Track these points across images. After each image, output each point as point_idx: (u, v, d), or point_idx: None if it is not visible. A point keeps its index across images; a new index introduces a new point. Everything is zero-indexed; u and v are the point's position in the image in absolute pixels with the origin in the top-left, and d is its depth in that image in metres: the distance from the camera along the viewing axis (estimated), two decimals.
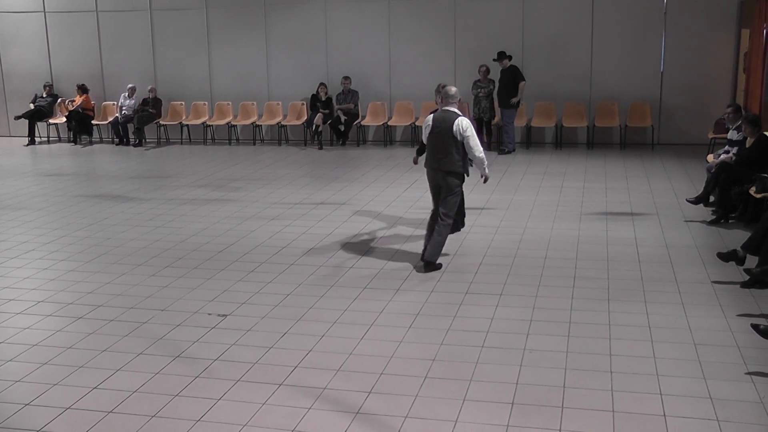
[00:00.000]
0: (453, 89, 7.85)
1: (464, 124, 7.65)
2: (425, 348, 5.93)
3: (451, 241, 8.76)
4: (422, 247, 8.13)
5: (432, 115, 7.92)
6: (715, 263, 7.75)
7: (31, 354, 6.01)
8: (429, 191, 8.14)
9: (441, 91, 8.06)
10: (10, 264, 8.41)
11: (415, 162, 8.90)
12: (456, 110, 7.78)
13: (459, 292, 7.15)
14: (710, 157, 11.13)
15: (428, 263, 7.84)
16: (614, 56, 15.43)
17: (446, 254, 8.21)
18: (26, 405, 5.17)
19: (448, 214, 7.84)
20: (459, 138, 7.64)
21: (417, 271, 7.81)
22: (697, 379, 5.30)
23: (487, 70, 15.11)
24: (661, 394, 5.08)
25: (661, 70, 15.30)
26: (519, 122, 15.36)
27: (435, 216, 7.97)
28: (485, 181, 8.04)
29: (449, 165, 7.72)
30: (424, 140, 8.05)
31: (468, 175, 7.89)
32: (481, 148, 7.77)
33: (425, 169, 8.00)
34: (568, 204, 10.54)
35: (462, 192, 7.97)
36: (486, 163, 7.84)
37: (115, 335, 6.33)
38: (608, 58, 15.46)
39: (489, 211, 10.20)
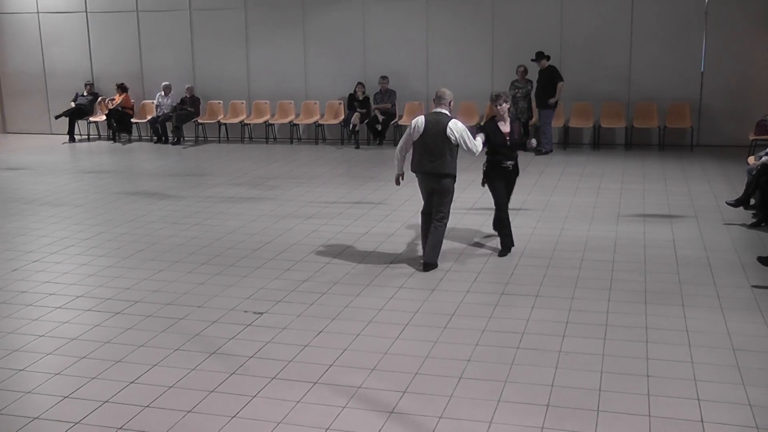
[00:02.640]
0: (447, 91, 7.83)
1: (459, 127, 7.66)
2: (460, 348, 5.91)
3: (488, 241, 8.74)
4: (422, 249, 8.05)
5: (422, 117, 7.81)
6: (755, 267, 7.64)
7: (70, 348, 6.10)
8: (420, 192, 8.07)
9: (497, 99, 8.10)
10: (50, 259, 8.53)
11: (398, 183, 8.32)
12: (447, 112, 7.76)
13: (495, 293, 7.13)
14: (751, 159, 10.96)
15: (428, 264, 7.82)
16: (654, 56, 15.25)
17: (484, 254, 8.21)
18: (65, 398, 5.24)
19: (444, 215, 7.86)
20: (453, 140, 7.61)
21: (418, 270, 7.83)
22: (735, 385, 5.23)
23: (525, 71, 15.03)
24: (698, 399, 5.02)
25: (702, 70, 15.11)
26: (556, 123, 15.26)
27: (428, 217, 7.94)
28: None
29: (442, 167, 7.68)
30: (404, 144, 7.94)
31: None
32: (477, 143, 7.77)
33: (415, 174, 7.93)
34: (605, 205, 10.45)
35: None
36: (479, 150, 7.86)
37: (152, 331, 6.40)
38: (647, 58, 15.29)
39: (525, 212, 10.15)
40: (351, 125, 16.19)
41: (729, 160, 13.57)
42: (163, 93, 17.58)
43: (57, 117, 18.19)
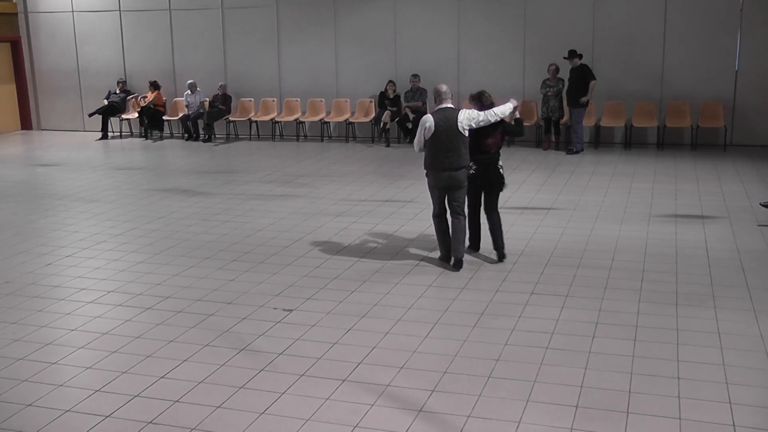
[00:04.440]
0: (444, 85, 7.96)
1: (468, 115, 7.72)
2: (489, 348, 5.90)
3: (518, 241, 8.70)
4: (443, 250, 8.05)
5: (430, 117, 7.77)
6: None
7: (102, 342, 6.17)
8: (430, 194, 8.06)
9: (476, 97, 8.20)
10: (83, 254, 8.63)
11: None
12: (452, 105, 7.84)
13: (524, 293, 7.10)
14: None
15: (460, 261, 7.84)
16: (687, 54, 15.08)
17: (514, 253, 8.18)
18: (96, 391, 5.30)
19: (462, 210, 7.90)
20: (467, 129, 7.69)
21: (449, 270, 7.80)
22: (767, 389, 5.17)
23: (557, 69, 14.94)
24: (730, 402, 4.97)
25: (736, 69, 14.91)
26: (588, 122, 15.15)
27: (441, 219, 7.99)
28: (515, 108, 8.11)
29: (458, 161, 7.68)
30: (419, 145, 7.82)
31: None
32: (498, 108, 7.90)
33: (430, 173, 7.85)
34: (636, 206, 10.37)
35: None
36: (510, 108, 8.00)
37: (182, 326, 6.45)
38: (680, 56, 15.12)
39: (556, 211, 10.10)
40: (381, 123, 16.20)
41: (763, 160, 13.40)
42: (189, 91, 17.69)
43: (90, 115, 18.39)
